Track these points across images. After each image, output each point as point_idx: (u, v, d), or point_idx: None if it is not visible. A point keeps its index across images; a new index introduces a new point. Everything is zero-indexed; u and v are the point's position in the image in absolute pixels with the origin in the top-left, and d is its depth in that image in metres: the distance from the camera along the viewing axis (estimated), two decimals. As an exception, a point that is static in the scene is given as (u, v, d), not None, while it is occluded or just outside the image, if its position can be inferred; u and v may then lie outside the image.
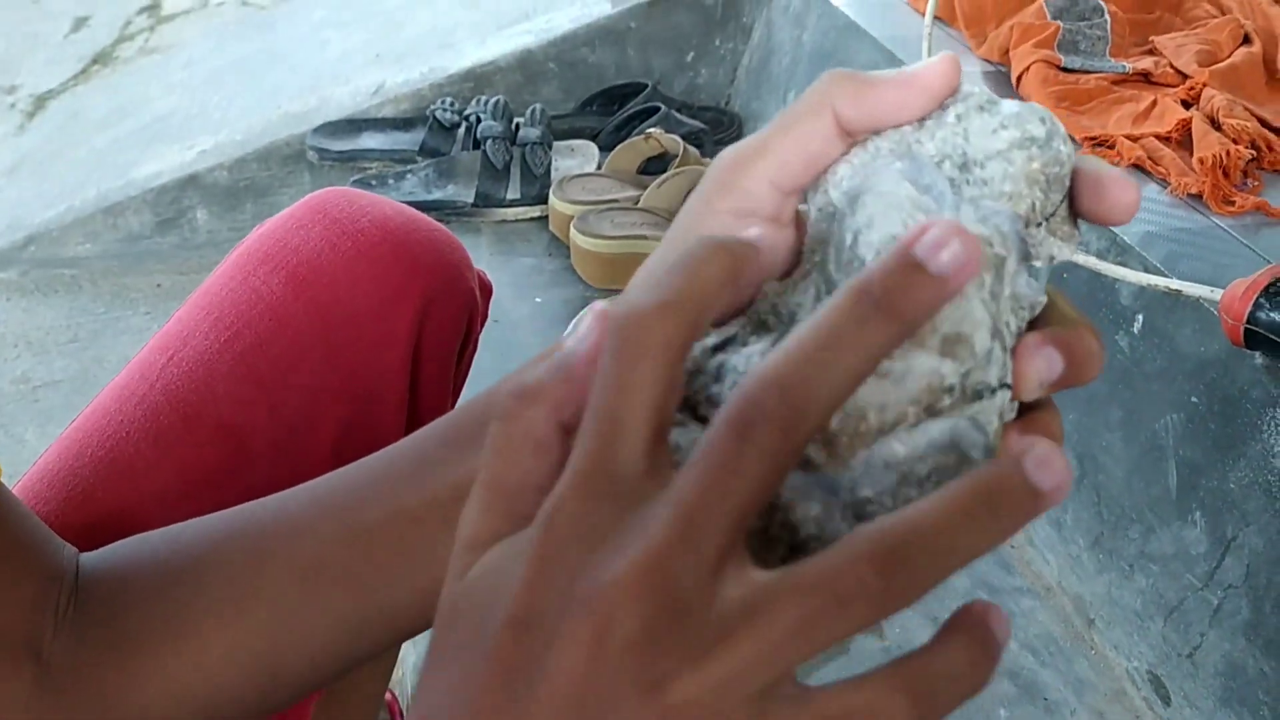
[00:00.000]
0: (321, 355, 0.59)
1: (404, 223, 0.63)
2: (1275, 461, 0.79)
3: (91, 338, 1.64)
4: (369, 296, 0.60)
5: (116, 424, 0.56)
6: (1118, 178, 0.30)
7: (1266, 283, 0.79)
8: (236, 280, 0.60)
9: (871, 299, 0.24)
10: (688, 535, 0.24)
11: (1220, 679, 0.81)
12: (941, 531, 0.23)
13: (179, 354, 0.58)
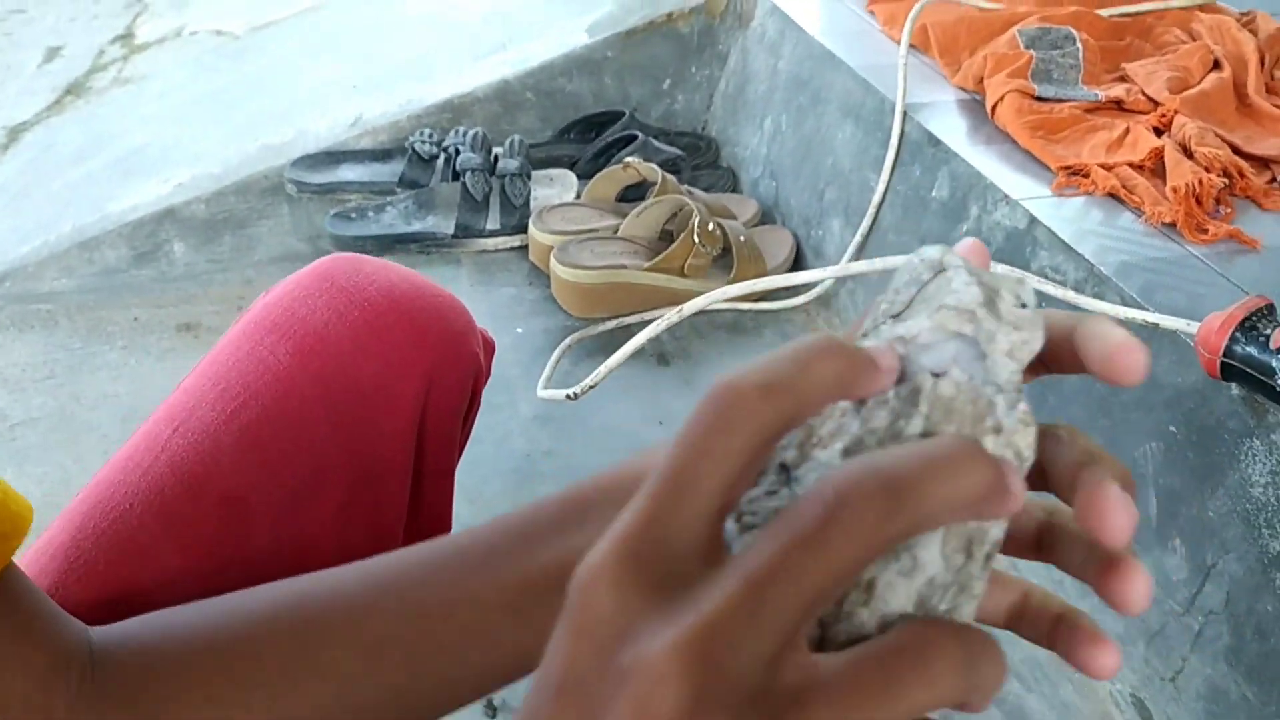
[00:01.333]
0: (327, 426, 0.59)
1: (409, 290, 0.63)
2: (1253, 491, 0.80)
3: (68, 374, 1.63)
4: (375, 367, 0.61)
5: (120, 495, 0.55)
6: (1124, 344, 0.30)
7: (1241, 317, 0.80)
8: (244, 350, 0.60)
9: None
10: (755, 609, 0.23)
11: (1202, 703, 0.82)
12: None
13: (184, 425, 0.58)
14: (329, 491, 0.59)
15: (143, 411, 1.57)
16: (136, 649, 0.46)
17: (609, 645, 0.24)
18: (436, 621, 0.43)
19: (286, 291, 0.64)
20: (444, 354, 0.64)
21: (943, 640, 0.25)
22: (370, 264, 0.65)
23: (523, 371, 1.28)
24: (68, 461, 1.46)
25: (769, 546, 0.23)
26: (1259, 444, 0.81)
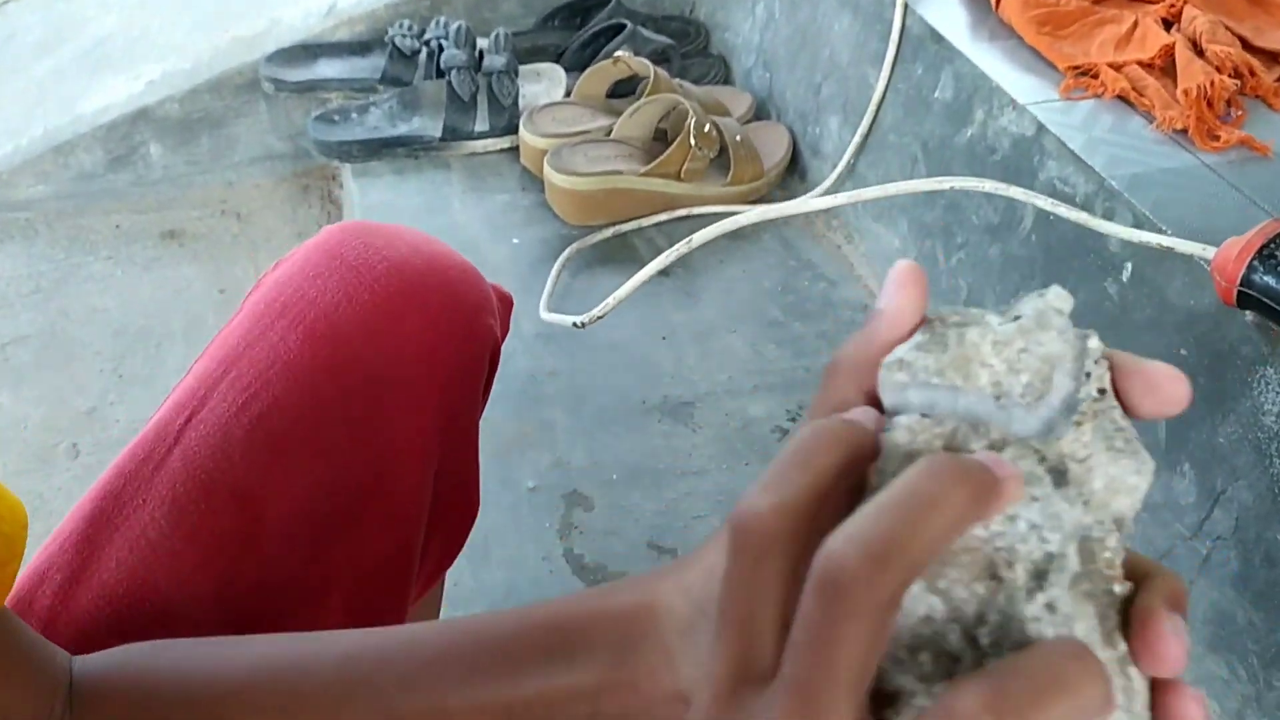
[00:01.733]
0: (341, 418, 0.58)
1: (420, 266, 0.61)
2: (1265, 419, 0.81)
3: (54, 287, 1.60)
4: (389, 358, 0.59)
5: (135, 489, 0.55)
6: (1168, 374, 0.31)
7: (1260, 245, 0.79)
8: (254, 335, 0.58)
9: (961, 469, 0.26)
10: (809, 716, 0.25)
11: (1209, 626, 0.85)
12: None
13: (196, 415, 0.56)
14: (343, 488, 0.58)
15: (134, 327, 1.56)
16: (113, 691, 0.45)
17: None
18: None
19: (296, 269, 0.62)
20: (459, 333, 0.63)
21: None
22: (380, 236, 0.63)
23: (522, 286, 1.26)
24: (62, 382, 1.45)
25: (796, 655, 0.26)
26: (1273, 372, 0.81)
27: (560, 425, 1.10)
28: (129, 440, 1.35)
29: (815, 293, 1.27)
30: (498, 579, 0.96)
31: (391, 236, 0.63)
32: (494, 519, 1.00)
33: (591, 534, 0.99)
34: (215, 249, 1.68)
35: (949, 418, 0.31)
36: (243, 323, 0.60)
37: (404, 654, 0.42)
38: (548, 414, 1.11)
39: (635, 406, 1.11)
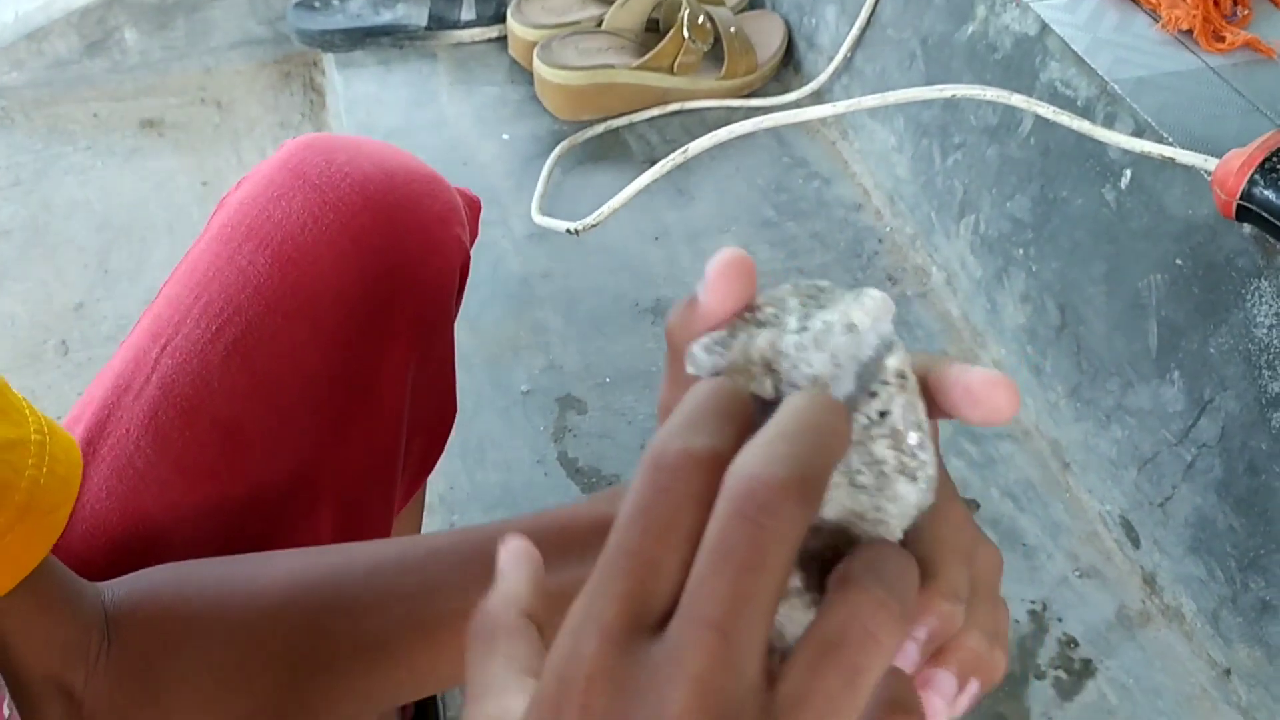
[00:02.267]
0: (314, 341, 0.58)
1: (383, 181, 0.60)
2: (1257, 331, 0.81)
3: (35, 179, 1.57)
4: (357, 273, 0.59)
5: (118, 418, 0.55)
6: (988, 381, 0.29)
7: (1261, 158, 0.78)
8: (222, 258, 0.58)
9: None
10: (728, 657, 0.23)
11: (1190, 529, 0.87)
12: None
13: (171, 341, 0.56)
14: (322, 411, 0.59)
15: (117, 221, 1.54)
16: (149, 618, 0.46)
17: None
18: (439, 630, 0.44)
19: (260, 189, 0.61)
20: (427, 246, 0.62)
21: (862, 605, 0.24)
22: (342, 152, 0.62)
23: (515, 184, 1.24)
24: (49, 277, 1.43)
25: (715, 586, 0.23)
26: (1267, 285, 0.81)
27: (553, 328, 1.10)
28: (118, 337, 1.35)
29: (809, 191, 1.26)
30: (493, 481, 0.97)
31: (353, 152, 0.62)
32: (489, 422, 1.01)
33: (585, 437, 1.00)
34: (196, 139, 1.64)
35: None
36: (210, 245, 0.60)
37: (428, 562, 0.44)
38: (540, 316, 1.11)
39: (628, 309, 1.11)
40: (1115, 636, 0.88)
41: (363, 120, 1.35)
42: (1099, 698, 0.85)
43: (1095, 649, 0.88)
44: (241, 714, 0.46)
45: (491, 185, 1.25)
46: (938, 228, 1.16)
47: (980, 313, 1.09)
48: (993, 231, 1.08)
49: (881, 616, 0.24)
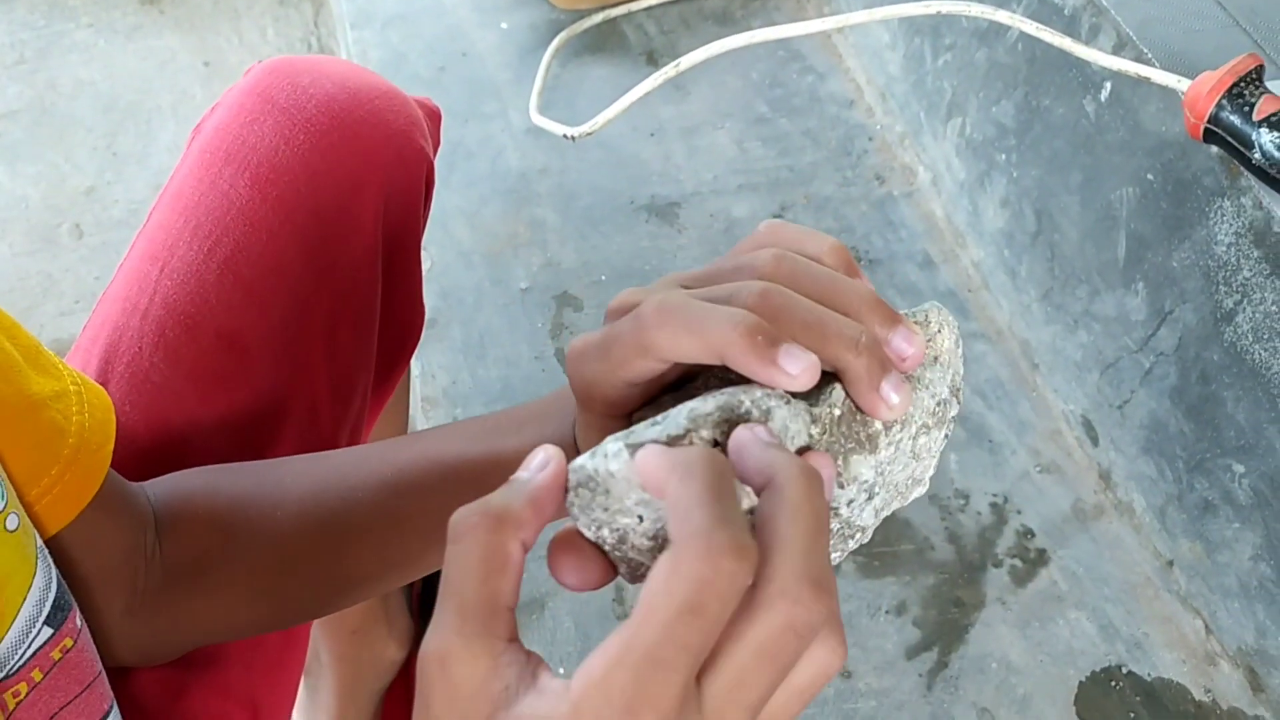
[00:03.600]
0: (298, 253, 0.63)
1: (347, 100, 0.64)
2: (1217, 249, 0.86)
3: (39, 58, 1.59)
4: (331, 190, 0.64)
5: (128, 339, 0.60)
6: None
7: (1229, 84, 0.81)
8: (205, 183, 0.62)
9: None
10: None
11: (1144, 431, 0.93)
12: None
13: (168, 265, 0.61)
14: (314, 317, 0.64)
15: (123, 101, 1.56)
16: (191, 517, 0.52)
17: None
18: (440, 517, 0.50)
19: (232, 115, 0.65)
20: (392, 159, 0.67)
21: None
22: (306, 74, 0.66)
23: (513, 76, 1.26)
24: (59, 159, 1.46)
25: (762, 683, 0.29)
26: (1229, 204, 0.85)
27: (550, 225, 1.14)
28: (130, 221, 1.40)
29: (803, 86, 1.28)
30: (493, 376, 1.03)
31: (317, 74, 0.66)
32: (489, 319, 1.06)
33: (581, 332, 1.05)
34: (195, 16, 1.65)
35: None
36: (193, 171, 0.64)
37: (431, 466, 0.51)
38: (538, 213, 1.15)
39: (623, 207, 1.15)
40: (1069, 528, 0.95)
41: (362, 6, 1.37)
42: (1050, 584, 0.92)
43: (1050, 539, 0.95)
44: (275, 604, 0.52)
45: (490, 77, 1.27)
46: (926, 128, 1.18)
47: (962, 215, 1.13)
48: (978, 135, 1.11)
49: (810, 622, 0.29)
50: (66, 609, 0.42)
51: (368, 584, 0.54)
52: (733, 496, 0.29)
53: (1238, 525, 0.85)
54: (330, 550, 0.52)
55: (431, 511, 0.50)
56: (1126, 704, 0.86)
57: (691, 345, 0.34)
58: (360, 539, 0.52)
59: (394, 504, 0.52)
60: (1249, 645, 0.85)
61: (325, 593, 0.54)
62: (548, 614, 0.89)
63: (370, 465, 0.54)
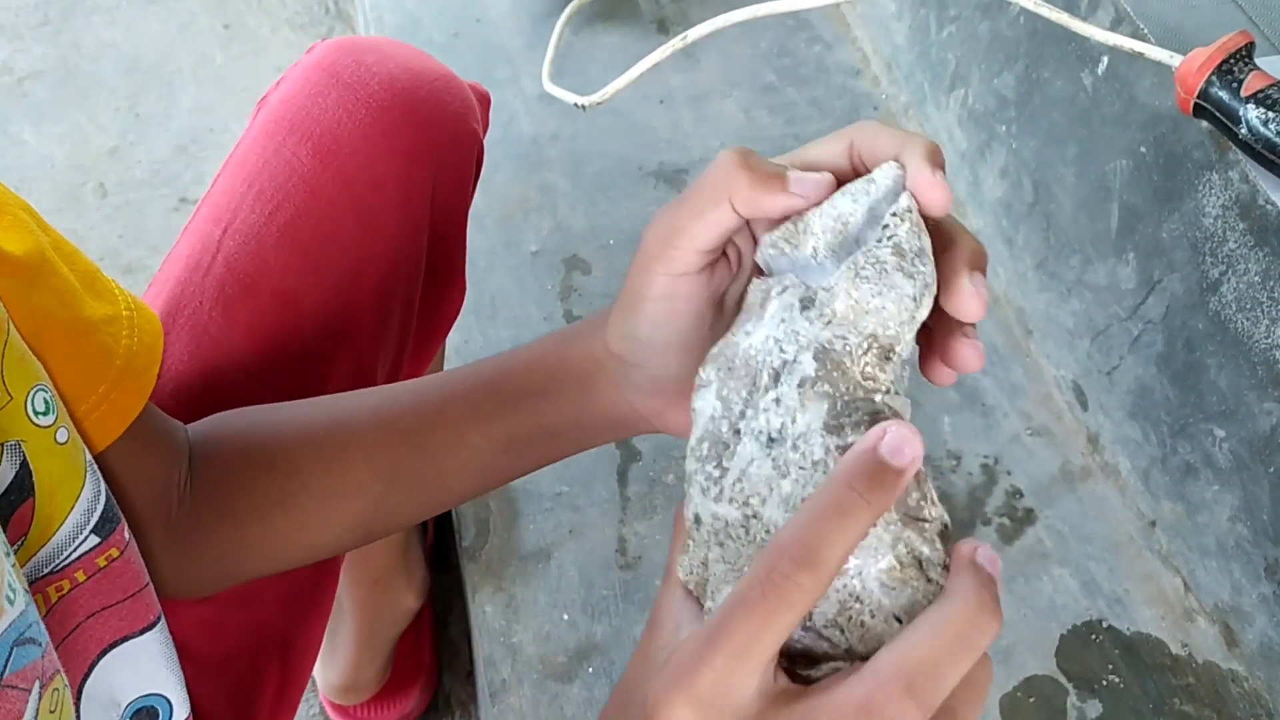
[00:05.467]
0: (354, 221, 0.66)
1: (409, 81, 0.68)
2: (1204, 220, 0.88)
3: (63, 19, 1.62)
4: (388, 161, 0.67)
5: (192, 293, 0.64)
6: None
7: (1219, 60, 0.84)
8: (270, 151, 0.66)
9: (856, 494, 0.33)
10: (735, 667, 0.33)
11: (1131, 396, 0.96)
12: (944, 657, 0.33)
13: (231, 226, 0.65)
14: (365, 282, 0.68)
15: (145, 63, 1.60)
16: (223, 451, 0.56)
17: None
18: (440, 456, 0.53)
19: (298, 88, 0.69)
20: (446, 139, 0.71)
21: (888, 687, 0.33)
22: (369, 53, 0.70)
23: (525, 44, 1.29)
24: (83, 120, 1.50)
25: (735, 621, 0.33)
26: (1217, 178, 0.88)
27: (561, 189, 1.17)
28: (152, 181, 1.45)
29: (810, 55, 1.30)
30: (504, 336, 1.06)
31: (381, 55, 0.70)
32: (500, 280, 1.10)
33: (589, 296, 1.09)
34: (217, -22, 1.68)
35: (784, 273, 0.42)
36: (258, 139, 0.68)
37: (423, 402, 0.54)
38: (549, 178, 1.18)
39: (632, 173, 1.18)
40: (1057, 489, 0.99)
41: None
42: (1036, 542, 0.96)
43: (1038, 500, 0.98)
44: (311, 535, 0.56)
45: (503, 44, 1.30)
46: (930, 98, 1.21)
47: (963, 184, 1.16)
48: (979, 106, 1.13)
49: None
50: (114, 521, 0.45)
51: (368, 501, 0.56)
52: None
53: (1217, 488, 0.88)
54: (333, 461, 0.55)
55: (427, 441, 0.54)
56: (1106, 656, 0.90)
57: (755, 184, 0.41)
58: (354, 449, 0.55)
59: (387, 421, 0.55)
60: (1225, 602, 0.89)
61: (338, 505, 0.56)
62: (553, 564, 0.93)
63: (374, 393, 0.58)
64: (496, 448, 0.52)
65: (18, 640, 0.34)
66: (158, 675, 0.49)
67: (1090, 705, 0.87)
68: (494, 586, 0.92)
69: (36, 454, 0.41)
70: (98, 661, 0.46)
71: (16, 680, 0.35)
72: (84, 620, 0.45)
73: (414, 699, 1.04)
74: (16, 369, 0.41)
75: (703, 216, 0.42)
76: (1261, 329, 0.83)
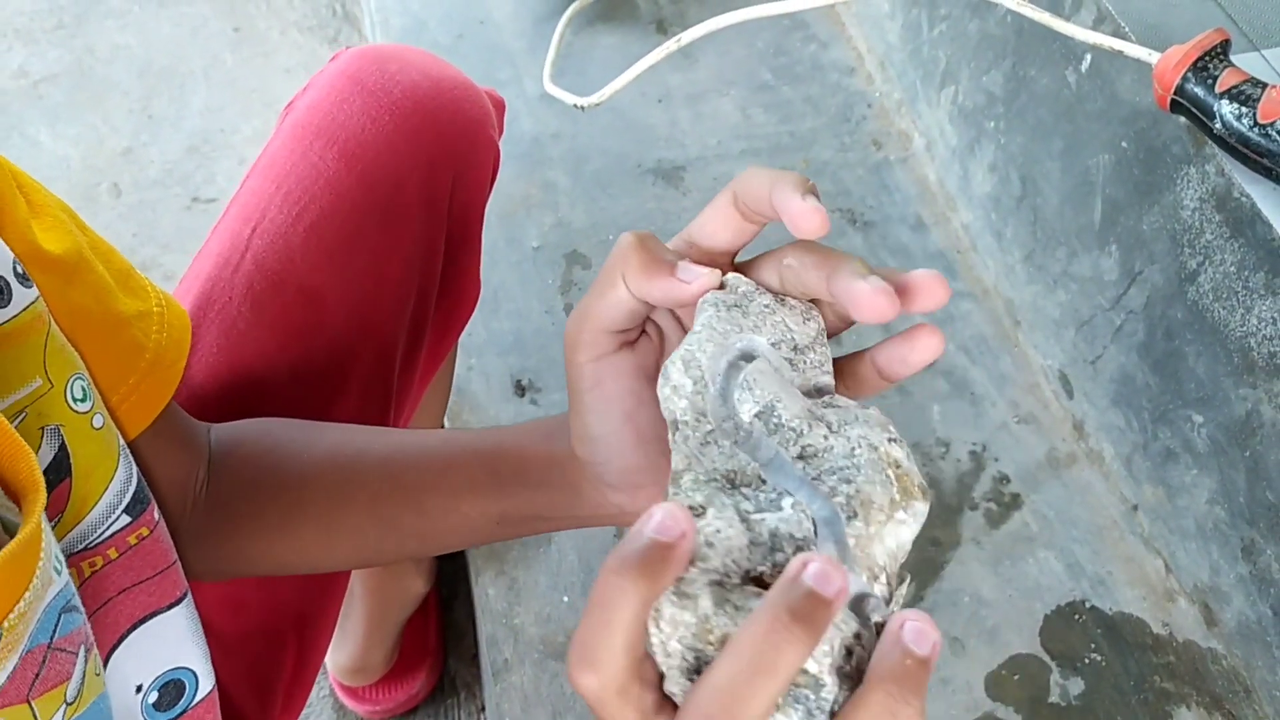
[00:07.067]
0: (377, 222, 0.70)
1: (430, 89, 0.71)
2: (1183, 213, 0.91)
3: (76, 23, 1.66)
4: (410, 165, 0.70)
5: (221, 289, 0.67)
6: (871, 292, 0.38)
7: (1195, 58, 0.86)
8: (297, 155, 0.69)
9: (784, 625, 0.31)
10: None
11: (1114, 384, 0.99)
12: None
13: (260, 225, 0.68)
14: (388, 282, 0.71)
15: (157, 66, 1.64)
16: (235, 461, 0.59)
17: None
18: (435, 518, 0.55)
19: (323, 95, 0.72)
20: (466, 145, 0.74)
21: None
22: (392, 61, 0.73)
23: (527, 45, 1.32)
24: (97, 121, 1.53)
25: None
26: (1194, 171, 0.90)
27: (561, 187, 1.20)
28: (165, 181, 1.49)
29: (806, 54, 1.33)
30: (506, 329, 1.10)
31: (404, 63, 0.73)
32: (502, 275, 1.13)
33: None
34: (226, -19, 1.71)
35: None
36: (285, 143, 0.71)
37: (426, 463, 0.56)
38: (550, 176, 1.21)
39: (631, 170, 1.21)
40: (1043, 475, 1.02)
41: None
42: (1022, 526, 0.99)
43: (1024, 485, 1.01)
44: (311, 552, 0.59)
45: (506, 45, 1.33)
46: (921, 95, 1.24)
47: (954, 179, 1.19)
48: (969, 103, 1.16)
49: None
50: (144, 503, 0.48)
51: (364, 540, 0.58)
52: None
53: (1196, 472, 0.91)
54: (337, 500, 0.58)
55: (416, 500, 0.56)
56: (1089, 635, 0.93)
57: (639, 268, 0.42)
58: (359, 493, 0.57)
59: (393, 474, 0.57)
60: (1204, 583, 0.92)
61: (336, 539, 0.59)
62: (554, 548, 0.97)
63: (384, 440, 0.60)
64: (489, 521, 0.54)
65: (64, 608, 0.37)
66: (184, 649, 0.52)
67: (1073, 683, 0.90)
68: (496, 570, 0.96)
69: (74, 437, 0.44)
70: (126, 636, 0.48)
71: (65, 644, 0.37)
72: (115, 596, 0.47)
73: (421, 680, 1.07)
74: (57, 359, 0.44)
75: (603, 298, 0.43)
76: (1237, 317, 0.86)
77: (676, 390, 0.40)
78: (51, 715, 0.37)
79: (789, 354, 0.41)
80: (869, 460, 0.38)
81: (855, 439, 0.38)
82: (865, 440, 0.38)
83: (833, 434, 0.39)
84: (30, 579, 0.34)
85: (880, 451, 0.38)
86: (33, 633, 0.35)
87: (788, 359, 0.41)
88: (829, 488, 0.37)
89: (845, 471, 0.37)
